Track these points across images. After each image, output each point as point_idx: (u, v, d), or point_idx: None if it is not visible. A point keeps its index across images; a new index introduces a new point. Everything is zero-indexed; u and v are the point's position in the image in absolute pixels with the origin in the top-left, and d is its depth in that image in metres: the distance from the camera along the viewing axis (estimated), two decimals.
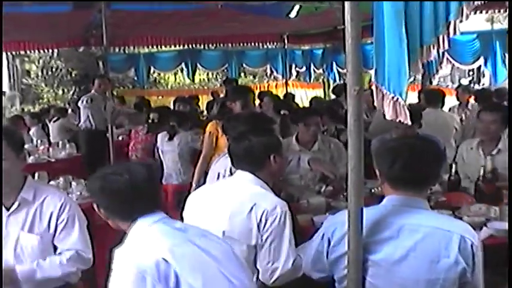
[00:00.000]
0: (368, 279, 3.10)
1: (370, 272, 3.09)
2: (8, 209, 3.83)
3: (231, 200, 3.85)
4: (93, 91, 10.40)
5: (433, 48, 3.05)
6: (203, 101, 16.88)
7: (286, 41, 17.42)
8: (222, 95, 14.71)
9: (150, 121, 9.95)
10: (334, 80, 18.55)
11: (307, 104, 15.16)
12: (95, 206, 3.19)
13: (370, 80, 16.97)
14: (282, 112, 10.00)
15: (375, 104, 3.15)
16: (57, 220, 3.86)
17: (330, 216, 3.73)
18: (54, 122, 12.80)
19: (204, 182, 6.14)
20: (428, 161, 3.09)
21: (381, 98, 3.07)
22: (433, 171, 3.18)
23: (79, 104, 11.28)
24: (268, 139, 4.06)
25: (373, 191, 5.28)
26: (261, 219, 3.70)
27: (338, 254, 3.25)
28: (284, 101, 13.53)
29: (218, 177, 5.21)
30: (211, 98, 16.51)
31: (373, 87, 3.14)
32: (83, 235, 3.93)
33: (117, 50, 15.83)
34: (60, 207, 3.88)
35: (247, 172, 3.94)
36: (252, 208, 3.72)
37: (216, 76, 23.30)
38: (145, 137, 9.77)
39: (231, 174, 4.98)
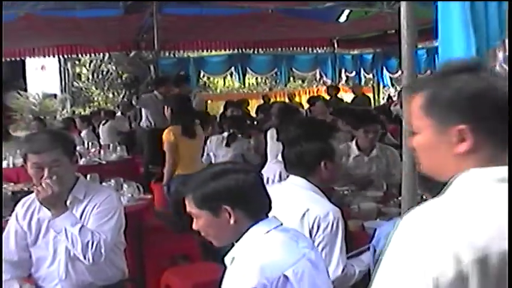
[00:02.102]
0: None
1: None
2: None
3: (283, 205, 3.81)
4: (155, 92, 10.29)
5: (499, 51, 2.96)
6: (252, 105, 16.87)
7: (336, 46, 17.36)
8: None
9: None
10: (384, 85, 18.44)
11: None
12: (194, 210, 2.82)
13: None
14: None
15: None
16: (97, 210, 3.93)
17: (378, 228, 3.68)
18: (104, 124, 12.93)
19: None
20: None
21: None
22: None
23: (139, 103, 11.08)
24: (320, 145, 4.02)
25: (424, 197, 5.23)
26: (313, 226, 3.67)
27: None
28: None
29: (267, 182, 5.18)
30: (262, 102, 16.53)
31: None
32: (113, 233, 3.93)
33: (167, 54, 15.95)
34: (104, 200, 3.96)
35: (300, 177, 3.91)
36: (304, 214, 3.69)
37: (265, 80, 23.29)
38: None
39: (280, 179, 4.98)
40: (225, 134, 8.90)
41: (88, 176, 4.94)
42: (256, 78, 23.00)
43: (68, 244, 3.82)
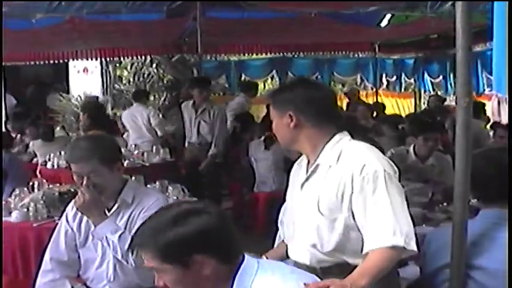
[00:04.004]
0: None
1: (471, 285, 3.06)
2: (108, 210, 3.95)
3: None
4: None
5: None
6: None
7: (377, 50, 17.27)
8: None
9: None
10: (425, 90, 18.29)
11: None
12: None
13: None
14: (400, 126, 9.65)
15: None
16: (144, 213, 3.93)
17: (427, 234, 3.65)
18: None
19: None
20: None
21: (497, 105, 3.01)
22: None
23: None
24: None
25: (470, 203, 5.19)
26: None
27: (434, 268, 3.23)
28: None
29: None
30: None
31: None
32: None
33: (208, 57, 15.99)
34: (151, 204, 3.98)
35: None
36: None
37: None
38: None
39: None
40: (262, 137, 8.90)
41: (133, 178, 4.97)
42: None
43: (110, 250, 3.86)
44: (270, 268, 2.53)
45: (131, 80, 22.64)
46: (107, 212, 3.95)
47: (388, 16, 11.45)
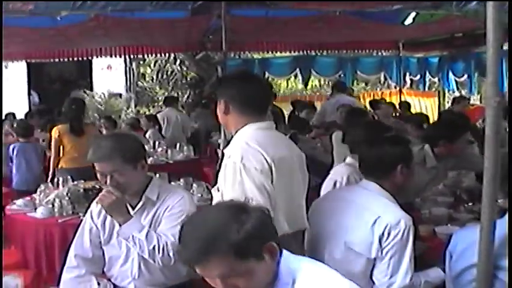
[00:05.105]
0: None
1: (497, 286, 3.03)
2: (133, 208, 3.95)
3: (355, 210, 3.79)
4: None
5: None
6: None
7: (401, 48, 17.18)
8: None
9: None
10: (449, 89, 18.18)
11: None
12: None
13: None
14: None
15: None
16: (169, 212, 3.94)
17: (454, 234, 3.63)
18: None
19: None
20: None
21: None
22: None
23: None
24: (398, 149, 3.98)
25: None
26: (383, 233, 3.61)
27: (460, 268, 3.21)
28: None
29: (335, 185, 5.15)
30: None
31: None
32: None
33: (232, 55, 16.00)
34: (177, 201, 3.97)
35: (373, 182, 3.88)
36: (375, 221, 3.64)
37: (328, 82, 23.17)
38: None
39: (348, 182, 4.96)
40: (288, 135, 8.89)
41: (157, 175, 4.98)
42: (319, 80, 22.91)
43: (136, 249, 3.86)
44: (307, 259, 2.67)
45: (154, 77, 22.75)
46: (131, 210, 3.95)
47: (413, 14, 11.36)
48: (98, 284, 4.00)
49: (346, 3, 9.68)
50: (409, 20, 11.33)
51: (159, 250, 3.77)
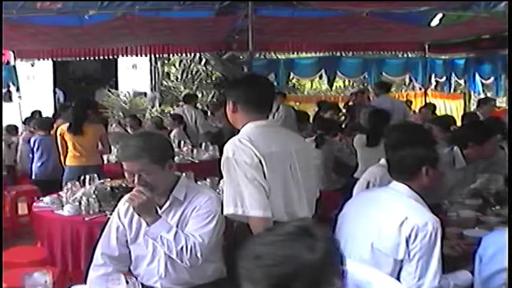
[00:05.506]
0: None
1: None
2: (160, 207, 3.96)
3: (383, 211, 3.79)
4: None
5: None
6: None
7: (427, 50, 17.08)
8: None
9: None
10: (475, 91, 18.04)
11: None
12: None
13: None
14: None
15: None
16: (196, 212, 3.93)
17: (483, 237, 3.60)
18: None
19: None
20: None
21: None
22: None
23: None
24: (422, 151, 3.98)
25: None
26: (410, 235, 3.61)
27: (490, 272, 3.19)
28: None
29: (368, 186, 5.19)
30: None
31: None
32: (212, 236, 3.92)
33: (257, 55, 15.99)
34: (205, 202, 3.96)
35: (402, 184, 3.87)
36: (402, 222, 3.63)
37: (353, 84, 23.12)
38: None
39: (381, 183, 4.95)
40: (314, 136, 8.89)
41: (183, 174, 5.00)
42: (344, 81, 22.85)
43: (164, 249, 3.86)
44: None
45: (179, 76, 22.82)
46: (158, 209, 3.95)
47: (439, 16, 11.29)
48: (127, 282, 4.00)
49: (373, 4, 9.64)
50: (435, 22, 11.25)
51: (186, 251, 3.77)
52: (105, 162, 9.56)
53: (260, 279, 2.06)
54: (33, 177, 10.09)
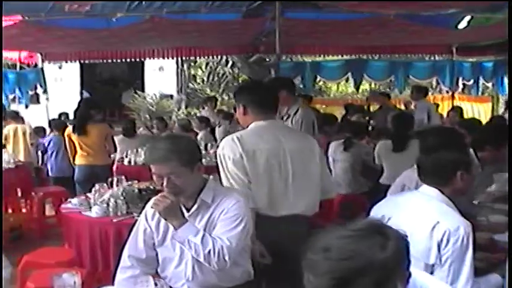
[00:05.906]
0: None
1: None
2: (188, 210, 3.95)
3: (414, 215, 3.76)
4: None
5: None
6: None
7: (454, 53, 16.96)
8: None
9: None
10: (503, 94, 17.88)
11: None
12: None
13: None
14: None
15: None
16: (224, 215, 3.91)
17: None
18: (219, 126, 13.13)
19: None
20: None
21: None
22: None
23: None
24: (458, 155, 3.95)
25: None
26: (442, 239, 3.56)
27: None
28: None
29: (403, 189, 5.20)
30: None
31: None
32: (239, 239, 3.89)
33: (283, 57, 15.97)
34: (232, 205, 3.93)
35: (433, 188, 3.84)
36: (434, 226, 3.59)
37: (379, 87, 23.01)
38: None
39: (417, 186, 4.92)
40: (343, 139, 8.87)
41: (210, 177, 5.01)
42: (370, 84, 22.76)
43: (192, 253, 3.86)
44: None
45: (205, 79, 22.86)
46: (186, 212, 3.94)
47: (467, 18, 11.22)
48: (155, 284, 4.01)
49: (401, 5, 9.60)
50: (463, 24, 11.19)
51: (214, 254, 3.76)
52: (117, 162, 9.73)
53: (325, 271, 2.06)
54: (51, 174, 11.12)
